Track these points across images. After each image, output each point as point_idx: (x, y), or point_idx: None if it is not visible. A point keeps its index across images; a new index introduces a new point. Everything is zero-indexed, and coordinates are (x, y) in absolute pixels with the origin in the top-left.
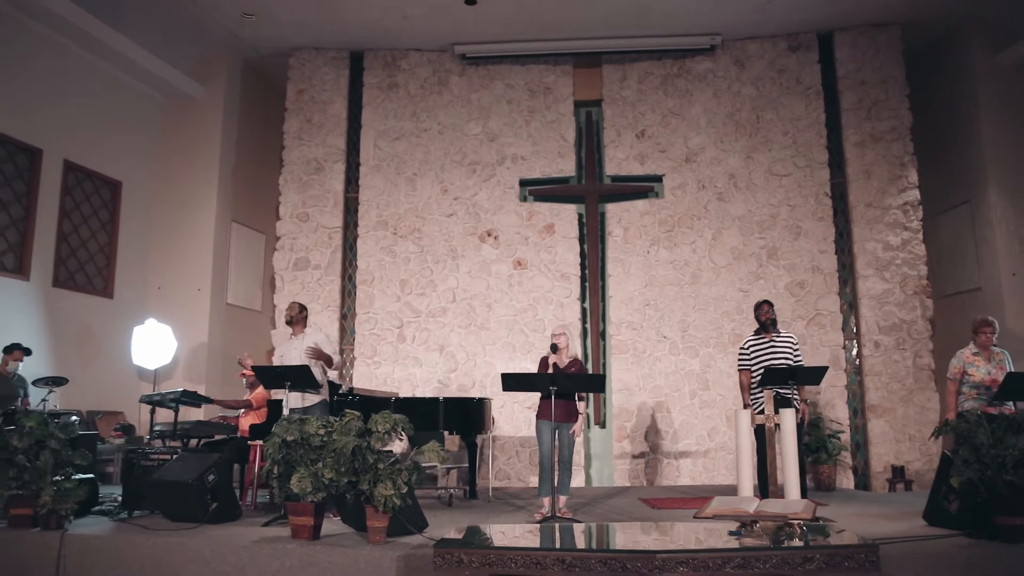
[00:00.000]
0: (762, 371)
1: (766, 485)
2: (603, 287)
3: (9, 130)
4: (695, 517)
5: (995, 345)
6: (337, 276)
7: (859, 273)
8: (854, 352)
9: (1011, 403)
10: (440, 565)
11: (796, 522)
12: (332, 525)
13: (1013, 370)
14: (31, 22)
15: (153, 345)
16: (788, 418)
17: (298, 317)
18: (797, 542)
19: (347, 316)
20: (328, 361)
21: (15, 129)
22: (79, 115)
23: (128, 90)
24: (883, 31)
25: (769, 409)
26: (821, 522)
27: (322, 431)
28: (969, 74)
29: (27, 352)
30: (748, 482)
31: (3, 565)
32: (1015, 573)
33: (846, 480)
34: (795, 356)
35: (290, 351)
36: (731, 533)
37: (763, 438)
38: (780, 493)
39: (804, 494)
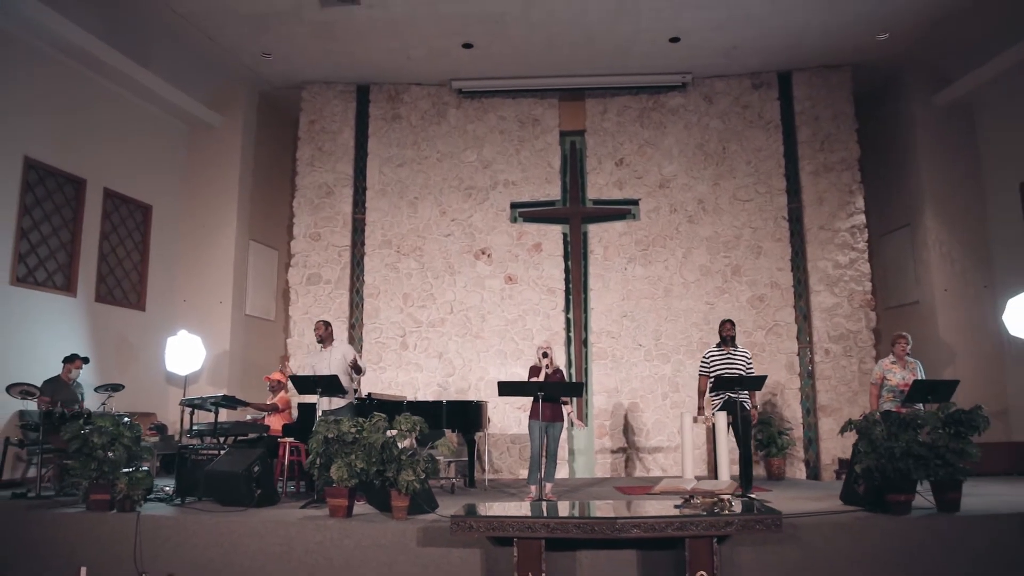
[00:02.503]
0: (715, 380)
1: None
2: (585, 300)
3: (60, 164)
4: (648, 494)
5: (909, 355)
6: (346, 290)
7: (812, 288)
8: (807, 359)
9: (920, 404)
10: (455, 530)
11: (726, 497)
12: (358, 508)
13: (923, 377)
14: (75, 64)
15: (184, 354)
16: (720, 419)
17: (326, 334)
18: (721, 511)
19: (355, 326)
20: (358, 369)
21: (64, 162)
22: (116, 146)
23: (157, 122)
24: (835, 72)
25: (708, 412)
26: (750, 498)
27: (354, 429)
28: (909, 112)
29: (85, 361)
30: (690, 468)
31: (89, 541)
32: (896, 536)
33: (799, 471)
34: (748, 367)
35: (322, 362)
36: (676, 506)
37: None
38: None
39: (750, 481)
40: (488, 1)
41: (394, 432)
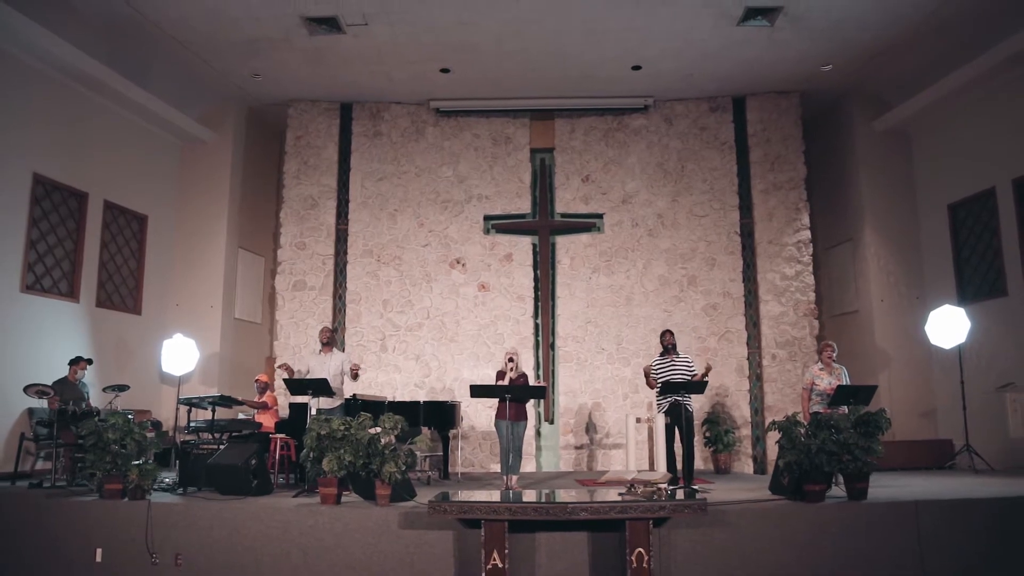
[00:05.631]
0: (662, 384)
1: (674, 463)
2: (553, 307)
3: (65, 178)
4: (596, 483)
5: (835, 362)
6: (329, 296)
7: (761, 298)
8: (756, 363)
9: (845, 406)
10: (432, 513)
11: (662, 486)
12: (345, 496)
13: (847, 382)
14: (79, 86)
15: (179, 355)
16: (659, 420)
17: (331, 340)
18: (658, 498)
19: (338, 330)
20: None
21: (68, 177)
22: (115, 161)
23: (152, 138)
24: (785, 98)
25: (650, 413)
26: (692, 488)
27: (343, 427)
28: (851, 136)
29: (89, 362)
30: (633, 462)
31: (104, 526)
32: (811, 520)
33: (747, 467)
34: (690, 371)
35: (321, 365)
36: (619, 493)
37: (670, 431)
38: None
39: (691, 474)
40: (465, 32)
41: (378, 429)
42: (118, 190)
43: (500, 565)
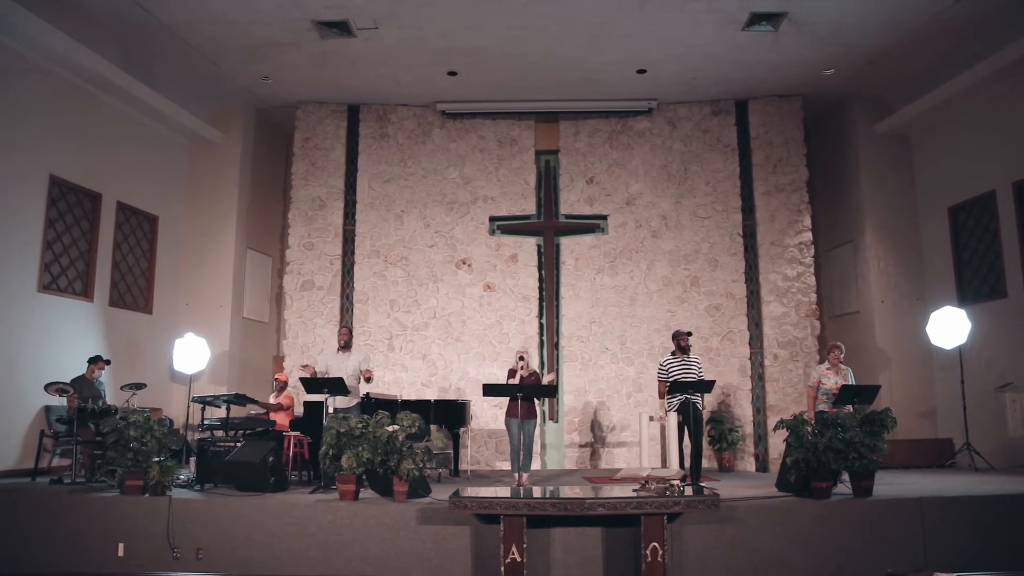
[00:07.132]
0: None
1: (682, 461)
2: (557, 307)
3: (79, 180)
4: (610, 479)
5: (842, 363)
6: (337, 296)
7: (763, 299)
8: (758, 363)
9: (850, 406)
10: (452, 509)
11: (675, 482)
12: (362, 493)
13: (852, 383)
14: (92, 88)
15: (190, 354)
16: (671, 419)
17: (349, 341)
18: (671, 493)
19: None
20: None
21: (83, 179)
22: (127, 162)
23: (163, 139)
24: (787, 101)
25: (661, 412)
26: (699, 485)
27: (360, 425)
28: (853, 139)
29: (107, 362)
30: (647, 459)
31: (125, 521)
32: (817, 516)
33: (750, 465)
34: (700, 373)
35: (339, 364)
36: (634, 490)
37: (681, 430)
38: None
39: (699, 471)
40: (472, 36)
41: (396, 427)
42: (130, 191)
43: (519, 559)
